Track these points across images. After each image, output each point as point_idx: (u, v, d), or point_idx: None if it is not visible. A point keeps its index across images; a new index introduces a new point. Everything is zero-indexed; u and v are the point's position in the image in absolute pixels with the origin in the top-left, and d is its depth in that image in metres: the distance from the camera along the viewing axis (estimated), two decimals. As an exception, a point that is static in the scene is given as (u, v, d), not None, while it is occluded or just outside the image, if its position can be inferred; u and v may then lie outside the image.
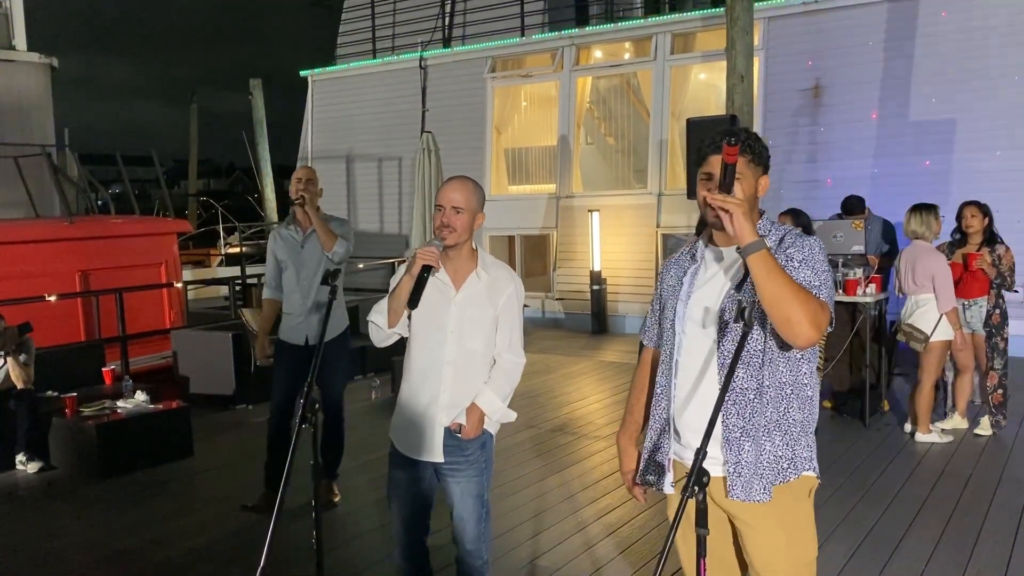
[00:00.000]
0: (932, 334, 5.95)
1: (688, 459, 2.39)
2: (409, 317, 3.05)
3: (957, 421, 6.38)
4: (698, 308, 2.38)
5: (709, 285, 2.39)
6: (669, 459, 2.47)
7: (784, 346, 2.28)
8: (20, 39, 12.44)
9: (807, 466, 2.36)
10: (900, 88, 10.15)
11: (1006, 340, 6.32)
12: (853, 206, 7.63)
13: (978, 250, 6.23)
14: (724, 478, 2.33)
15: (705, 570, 2.11)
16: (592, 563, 4.20)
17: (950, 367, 6.48)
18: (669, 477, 2.48)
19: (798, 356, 2.34)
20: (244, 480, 5.65)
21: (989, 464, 5.62)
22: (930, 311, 5.96)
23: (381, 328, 3.04)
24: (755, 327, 2.26)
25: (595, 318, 11.92)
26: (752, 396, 2.30)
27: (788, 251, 2.29)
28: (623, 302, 12.15)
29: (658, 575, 1.97)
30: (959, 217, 6.37)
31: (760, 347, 2.31)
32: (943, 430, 6.22)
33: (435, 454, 3.04)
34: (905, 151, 10.08)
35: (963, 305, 6.29)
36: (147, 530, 4.83)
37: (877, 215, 8.06)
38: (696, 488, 2.01)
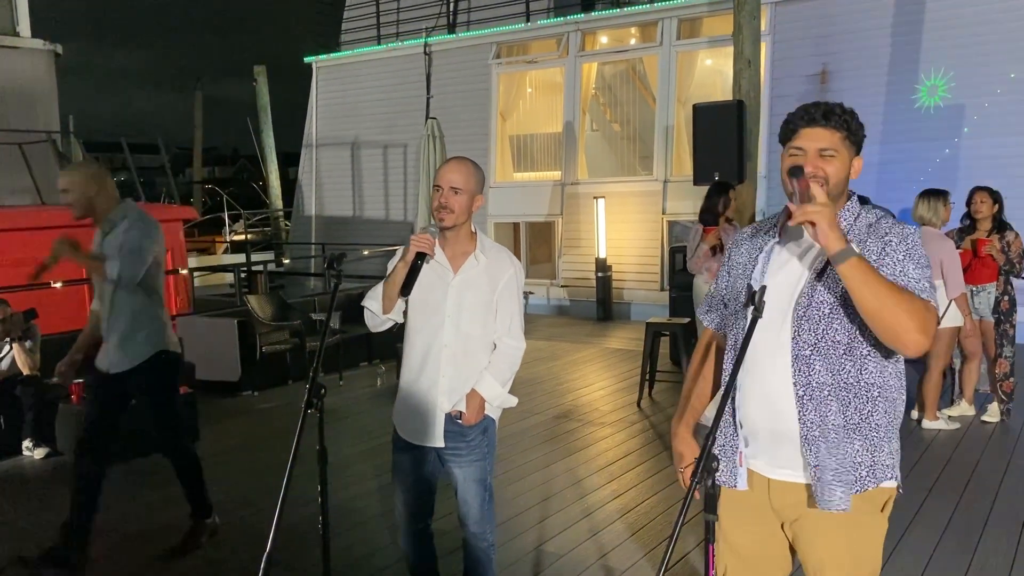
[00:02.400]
0: (939, 321, 5.92)
1: (748, 456, 2.26)
2: (406, 302, 3.03)
3: (964, 408, 6.36)
4: (772, 293, 2.11)
5: (787, 269, 2.19)
6: (740, 454, 2.26)
7: (868, 343, 2.11)
8: (24, 25, 12.42)
9: (888, 475, 2.17)
10: (908, 73, 10.07)
11: (1015, 327, 6.28)
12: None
13: (987, 236, 6.19)
14: (807, 485, 2.16)
15: (713, 555, 2.09)
16: (598, 548, 4.20)
17: (957, 354, 6.45)
18: (743, 473, 2.27)
19: (888, 357, 2.15)
20: (249, 465, 5.66)
21: (996, 451, 5.60)
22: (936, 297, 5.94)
23: (376, 314, 3.03)
24: (839, 317, 2.10)
25: (600, 305, 11.90)
26: (827, 393, 2.11)
27: (887, 238, 2.10)
28: (628, 289, 12.12)
29: (666, 559, 1.95)
30: (969, 202, 6.32)
31: (841, 339, 2.11)
32: (950, 417, 6.20)
33: (436, 439, 3.03)
34: (913, 137, 10.01)
35: (971, 291, 6.25)
36: (155, 515, 4.84)
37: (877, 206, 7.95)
38: (705, 474, 1.99)
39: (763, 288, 2.13)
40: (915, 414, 6.26)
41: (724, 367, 2.34)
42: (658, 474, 5.29)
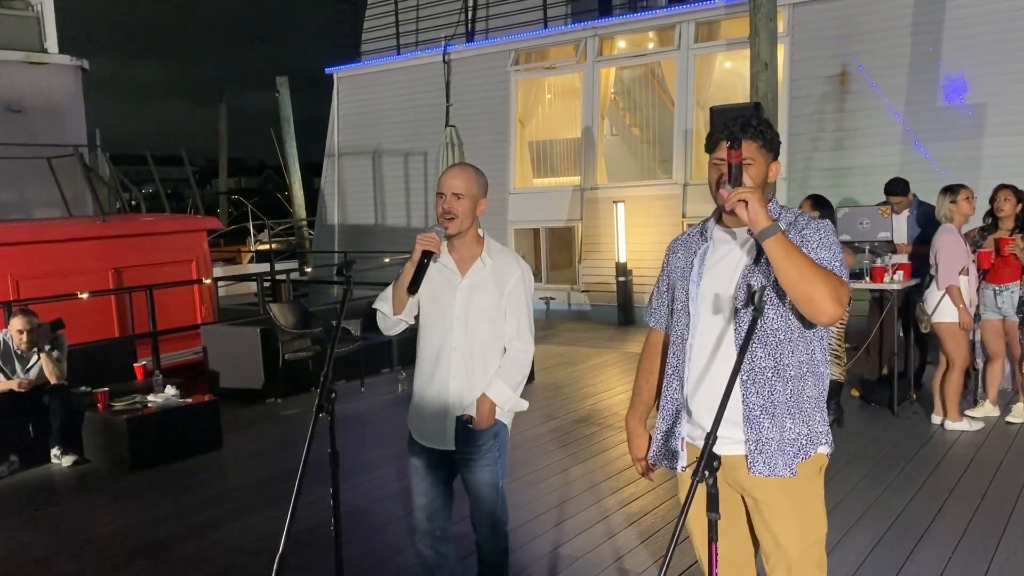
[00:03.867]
0: (932, 314, 5.90)
1: (700, 440, 2.38)
2: (418, 304, 3.08)
3: (988, 408, 6.29)
4: (710, 291, 2.40)
5: (721, 266, 2.41)
6: (682, 440, 2.49)
7: (807, 325, 2.34)
8: (52, 42, 12.67)
9: (822, 440, 2.40)
10: (929, 73, 9.99)
11: (1039, 327, 6.21)
12: (893, 188, 7.33)
13: (1011, 235, 6.12)
14: (745, 456, 2.36)
15: (716, 554, 2.11)
16: (614, 551, 4.21)
17: (980, 354, 6.39)
18: (683, 457, 2.51)
19: (813, 335, 2.38)
20: (271, 470, 5.73)
21: (1021, 452, 5.53)
22: (933, 293, 5.92)
23: (387, 316, 3.08)
24: (775, 308, 2.32)
25: (621, 309, 11.90)
26: (770, 375, 2.34)
27: (804, 232, 2.34)
28: (649, 293, 12.09)
29: (670, 553, 1.97)
30: (992, 200, 6.26)
31: (779, 326, 2.34)
32: (973, 418, 6.13)
33: (448, 442, 3.07)
34: (934, 137, 9.92)
35: (994, 291, 6.19)
36: (177, 521, 4.92)
37: (924, 201, 7.81)
38: (706, 473, 2.01)
39: (763, 287, 2.19)
40: (936, 417, 6.19)
41: (668, 360, 2.54)
42: (676, 478, 5.27)
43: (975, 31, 9.68)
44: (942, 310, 5.91)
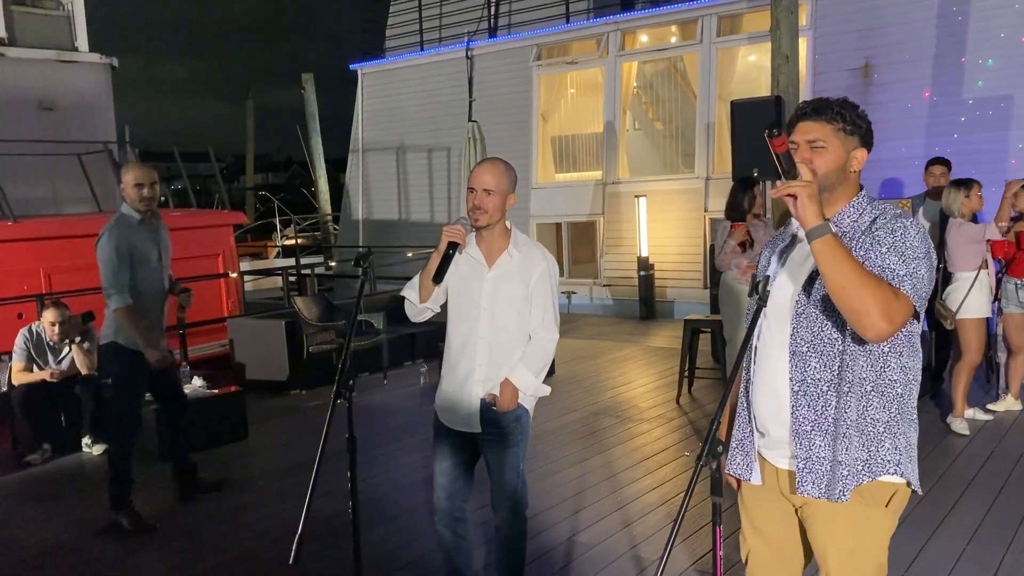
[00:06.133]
0: (957, 312, 5.87)
1: (763, 447, 2.33)
2: (446, 293, 3.19)
3: (1010, 403, 6.26)
4: (779, 291, 2.24)
5: (792, 268, 2.27)
6: (755, 448, 2.34)
7: (859, 339, 2.09)
8: (82, 40, 12.90)
9: (890, 470, 2.16)
10: (954, 64, 9.90)
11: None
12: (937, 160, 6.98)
13: None
14: (791, 472, 2.24)
15: (720, 536, 2.16)
16: (630, 540, 4.27)
17: (1003, 347, 6.36)
18: (756, 468, 2.35)
19: (883, 350, 2.14)
20: (295, 461, 5.84)
21: (1041, 445, 5.52)
22: (959, 288, 5.88)
23: (414, 303, 3.19)
24: (835, 314, 2.11)
25: (643, 304, 11.92)
26: (825, 388, 2.15)
27: (876, 233, 2.10)
28: (671, 287, 12.11)
29: (672, 536, 2.03)
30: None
31: (837, 336, 2.15)
32: (994, 412, 6.11)
33: (472, 425, 3.19)
34: (960, 129, 9.83)
35: (1015, 284, 6.15)
36: (203, 507, 5.04)
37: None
38: (710, 458, 2.06)
39: (766, 278, 2.21)
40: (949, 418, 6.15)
41: (743, 363, 2.34)
42: (693, 469, 5.32)
43: (1001, 22, 9.58)
44: (967, 306, 5.88)
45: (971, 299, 5.86)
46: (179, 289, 4.95)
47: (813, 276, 2.17)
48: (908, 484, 2.22)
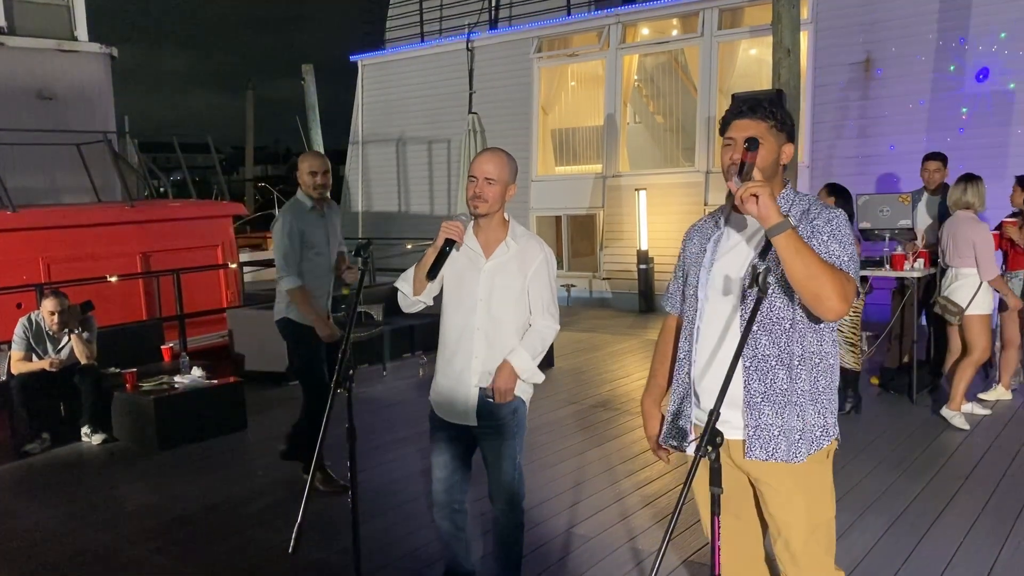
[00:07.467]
0: (967, 308, 5.86)
1: (700, 420, 2.47)
2: (441, 287, 3.18)
3: (1000, 392, 6.31)
4: (720, 276, 2.41)
5: (732, 253, 2.41)
6: (691, 423, 2.53)
7: (813, 318, 2.32)
8: (82, 30, 12.86)
9: (834, 431, 2.43)
10: (955, 59, 9.88)
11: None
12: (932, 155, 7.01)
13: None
14: (743, 440, 2.39)
15: (719, 527, 2.17)
16: (627, 532, 4.28)
17: (997, 337, 6.38)
18: (691, 439, 2.55)
19: (824, 326, 2.38)
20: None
21: (1038, 440, 5.53)
22: (966, 285, 5.87)
23: (407, 295, 3.18)
24: (781, 297, 2.31)
25: (642, 297, 11.93)
26: (773, 363, 2.34)
27: (815, 223, 2.31)
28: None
29: (670, 530, 2.04)
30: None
31: (785, 315, 2.33)
32: (984, 401, 6.16)
33: (469, 418, 3.17)
34: (961, 124, 9.83)
35: (1012, 277, 6.18)
36: (202, 497, 5.05)
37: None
38: (709, 448, 2.07)
39: (767, 268, 2.21)
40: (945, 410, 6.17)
41: (679, 344, 2.57)
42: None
43: (1001, 17, 9.57)
44: (977, 302, 5.88)
45: (980, 296, 5.86)
46: (345, 267, 4.96)
47: (757, 261, 2.33)
48: (837, 439, 2.48)
